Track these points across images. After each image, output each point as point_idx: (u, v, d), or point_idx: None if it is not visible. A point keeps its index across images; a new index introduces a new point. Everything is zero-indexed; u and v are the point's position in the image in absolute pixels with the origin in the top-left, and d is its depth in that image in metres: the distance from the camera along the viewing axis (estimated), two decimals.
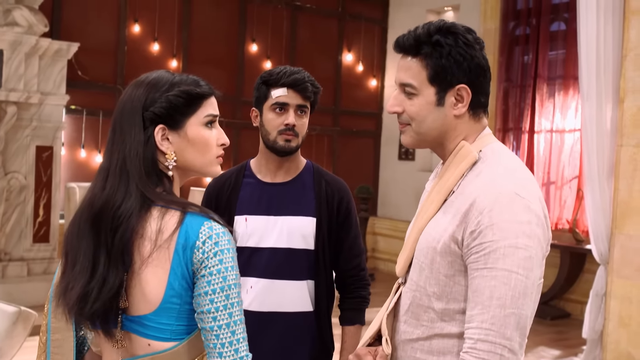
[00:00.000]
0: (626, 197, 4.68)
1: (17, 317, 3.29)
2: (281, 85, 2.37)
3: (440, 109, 1.68)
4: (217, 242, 1.48)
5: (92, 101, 7.76)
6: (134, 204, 1.49)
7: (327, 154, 9.66)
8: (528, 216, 1.55)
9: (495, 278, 1.51)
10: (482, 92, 1.70)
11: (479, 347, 1.50)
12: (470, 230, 1.56)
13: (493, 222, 1.53)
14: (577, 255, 7.33)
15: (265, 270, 2.39)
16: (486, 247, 1.53)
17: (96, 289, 1.47)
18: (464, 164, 1.66)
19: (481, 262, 1.53)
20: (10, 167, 6.72)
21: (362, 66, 9.92)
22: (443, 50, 1.64)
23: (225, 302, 1.45)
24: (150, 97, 1.56)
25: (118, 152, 1.54)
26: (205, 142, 1.60)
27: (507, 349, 1.49)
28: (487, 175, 1.62)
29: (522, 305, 1.51)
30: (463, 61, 1.65)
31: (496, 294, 1.50)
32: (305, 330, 2.43)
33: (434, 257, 1.64)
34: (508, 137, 8.39)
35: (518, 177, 1.63)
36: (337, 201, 2.47)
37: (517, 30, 8.36)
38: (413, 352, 1.69)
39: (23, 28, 6.66)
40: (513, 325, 1.50)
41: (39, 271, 6.87)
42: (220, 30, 8.91)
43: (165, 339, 1.50)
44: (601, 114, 4.93)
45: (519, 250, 1.51)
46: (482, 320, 1.51)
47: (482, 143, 1.71)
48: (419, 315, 1.69)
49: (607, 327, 4.80)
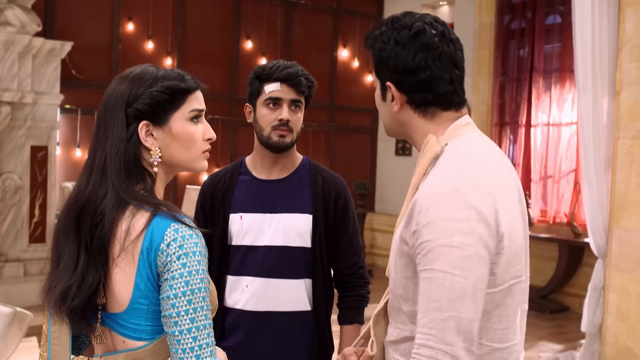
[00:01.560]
0: (623, 189, 4.67)
1: (13, 318, 3.27)
2: (274, 79, 2.34)
3: (385, 104, 1.67)
4: (182, 244, 1.45)
5: (86, 100, 7.73)
6: (110, 202, 1.49)
7: (323, 150, 9.64)
8: (467, 212, 1.43)
9: (432, 280, 1.42)
10: (422, 89, 1.60)
11: (421, 352, 1.41)
12: (412, 230, 1.49)
13: (429, 220, 1.44)
14: (575, 248, 7.33)
15: (260, 269, 2.35)
16: (424, 247, 1.44)
17: (75, 285, 1.48)
18: (425, 159, 1.59)
19: (422, 264, 1.45)
20: (5, 167, 6.69)
21: (357, 62, 9.90)
22: (375, 46, 1.65)
23: (187, 307, 1.43)
24: (134, 92, 1.55)
25: (101, 149, 1.53)
26: (191, 137, 1.58)
27: (449, 355, 1.38)
28: (435, 171, 1.55)
29: (460, 308, 1.39)
30: (387, 59, 1.61)
31: (433, 296, 1.41)
32: (303, 331, 2.39)
33: (396, 260, 1.58)
34: (505, 131, 8.38)
35: (465, 171, 1.52)
36: (334, 198, 2.43)
37: (512, 23, 8.35)
38: (394, 353, 1.64)
39: (16, 27, 6.63)
40: (453, 330, 1.39)
41: (35, 272, 6.85)
42: (215, 28, 8.88)
43: (137, 338, 1.51)
44: (597, 106, 4.91)
45: (454, 250, 1.41)
46: (423, 324, 1.42)
47: (450, 136, 1.61)
48: (395, 317, 1.64)
49: (606, 321, 4.79)
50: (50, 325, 1.60)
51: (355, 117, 10.08)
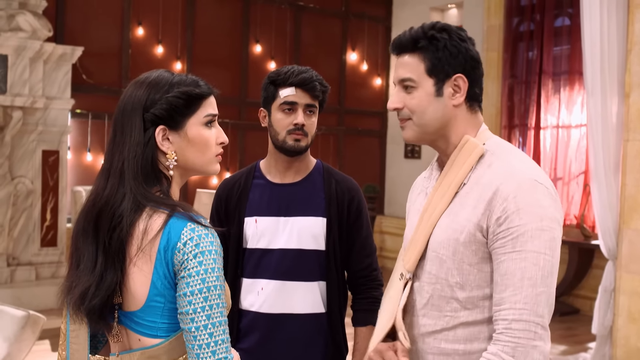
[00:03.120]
0: (633, 191, 4.67)
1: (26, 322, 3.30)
2: (289, 84, 2.35)
3: (440, 99, 1.75)
4: (198, 243, 1.49)
5: (97, 105, 7.77)
6: (128, 205, 1.53)
7: (332, 153, 9.66)
8: (548, 201, 1.64)
9: (525, 260, 1.59)
10: (477, 84, 1.78)
11: (514, 326, 1.57)
12: (495, 217, 1.63)
13: (519, 207, 1.61)
14: (586, 251, 7.31)
15: (275, 271, 2.37)
16: (514, 232, 1.61)
17: (94, 286, 1.52)
18: (473, 156, 1.73)
19: (509, 246, 1.61)
20: (16, 172, 6.74)
21: (366, 65, 9.91)
22: (439, 43, 1.73)
23: (203, 304, 1.47)
24: (151, 98, 1.59)
25: (119, 154, 1.57)
26: (206, 141, 1.63)
27: (540, 325, 1.57)
28: (502, 165, 1.70)
29: (550, 284, 1.60)
30: (458, 53, 1.74)
31: (527, 274, 1.58)
32: (317, 333, 2.41)
33: (456, 248, 1.69)
34: (514, 134, 8.37)
35: (531, 166, 1.72)
36: (347, 201, 2.45)
37: (521, 26, 8.34)
38: (437, 342, 1.74)
39: (27, 33, 6.68)
40: (544, 303, 1.58)
41: (47, 275, 6.89)
42: (224, 32, 8.92)
43: (153, 336, 1.55)
44: (607, 109, 4.91)
45: (545, 233, 1.60)
46: (515, 301, 1.58)
47: (484, 137, 1.78)
48: (441, 306, 1.73)
49: (617, 323, 4.79)
50: (68, 325, 1.64)
51: (364, 120, 10.09)
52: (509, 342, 1.56)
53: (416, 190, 1.97)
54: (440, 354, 1.74)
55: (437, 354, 1.74)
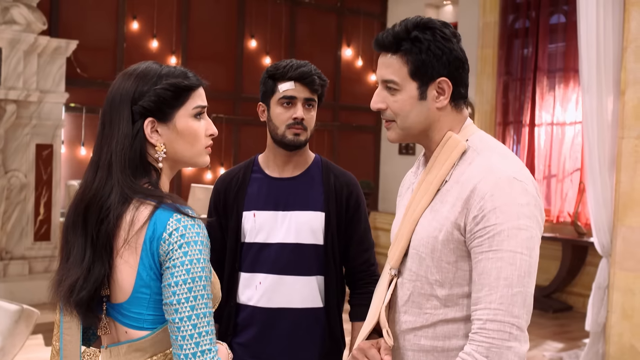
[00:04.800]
0: (628, 189, 4.67)
1: (19, 316, 3.28)
2: (288, 78, 2.35)
3: (423, 102, 1.72)
4: (184, 234, 1.49)
5: (91, 99, 7.75)
6: (116, 197, 1.52)
7: (327, 149, 9.66)
8: (526, 198, 1.60)
9: (501, 259, 1.56)
10: (462, 83, 1.75)
11: (488, 326, 1.55)
12: (472, 215, 1.61)
13: (495, 205, 1.58)
14: (579, 248, 7.33)
15: (273, 265, 2.37)
16: (490, 230, 1.58)
17: (82, 279, 1.52)
18: (454, 153, 1.71)
19: (485, 245, 1.58)
20: (10, 165, 6.71)
21: (361, 61, 9.91)
22: (422, 45, 1.69)
23: (187, 295, 1.46)
24: (139, 90, 1.58)
25: (107, 146, 1.57)
26: (195, 133, 1.62)
27: (516, 326, 1.54)
28: (482, 162, 1.67)
29: (527, 284, 1.57)
30: (442, 55, 1.69)
31: (503, 274, 1.56)
32: (315, 327, 2.41)
33: (434, 246, 1.67)
34: (508, 131, 8.39)
35: (512, 162, 1.68)
36: (346, 195, 2.45)
37: (516, 23, 8.35)
38: (417, 339, 1.73)
39: (21, 26, 6.65)
40: (520, 304, 1.55)
41: (40, 269, 6.88)
42: (219, 26, 8.90)
43: (139, 328, 1.55)
44: (602, 106, 4.92)
45: (522, 232, 1.57)
46: (490, 300, 1.56)
47: (467, 133, 1.75)
48: (421, 304, 1.72)
49: (610, 320, 4.80)
50: (62, 317, 1.64)
51: (358, 116, 10.09)
52: (483, 342, 1.55)
53: (405, 185, 1.97)
54: (419, 351, 1.73)
55: (417, 350, 1.74)
